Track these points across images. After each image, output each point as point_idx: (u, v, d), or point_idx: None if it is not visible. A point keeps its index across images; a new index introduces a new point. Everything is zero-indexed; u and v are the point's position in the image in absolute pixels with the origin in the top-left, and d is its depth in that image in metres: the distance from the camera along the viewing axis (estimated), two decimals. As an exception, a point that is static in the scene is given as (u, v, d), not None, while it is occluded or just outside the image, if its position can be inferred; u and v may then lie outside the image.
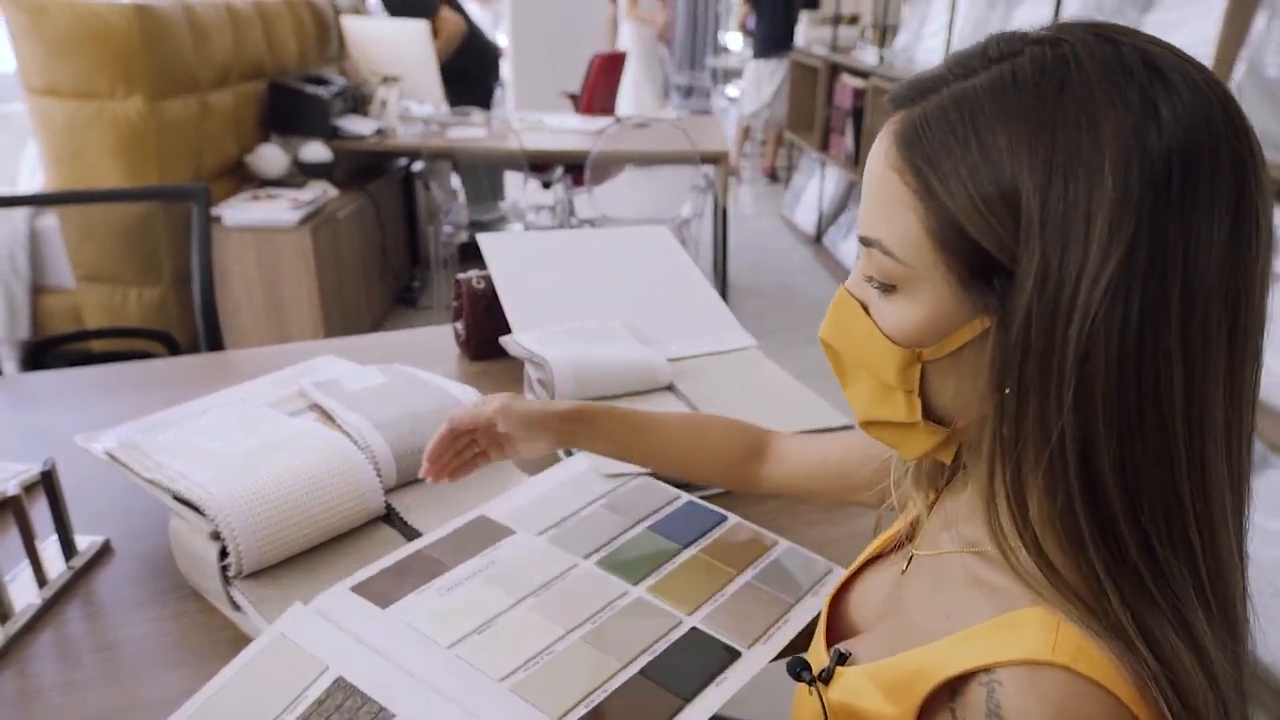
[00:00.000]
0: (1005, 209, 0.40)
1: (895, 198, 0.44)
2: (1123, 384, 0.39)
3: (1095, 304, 0.38)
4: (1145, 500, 0.40)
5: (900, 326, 0.45)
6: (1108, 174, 0.38)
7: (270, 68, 3.25)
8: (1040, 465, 0.41)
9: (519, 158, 3.32)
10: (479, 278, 1.35)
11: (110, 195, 1.75)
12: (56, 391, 1.27)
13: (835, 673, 0.51)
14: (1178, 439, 0.40)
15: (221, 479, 0.80)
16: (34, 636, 0.78)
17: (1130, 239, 0.38)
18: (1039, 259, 0.39)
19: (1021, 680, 0.40)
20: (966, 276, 0.42)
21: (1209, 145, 0.39)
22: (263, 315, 2.88)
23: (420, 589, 0.75)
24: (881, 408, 0.48)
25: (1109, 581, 0.40)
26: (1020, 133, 0.39)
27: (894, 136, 0.44)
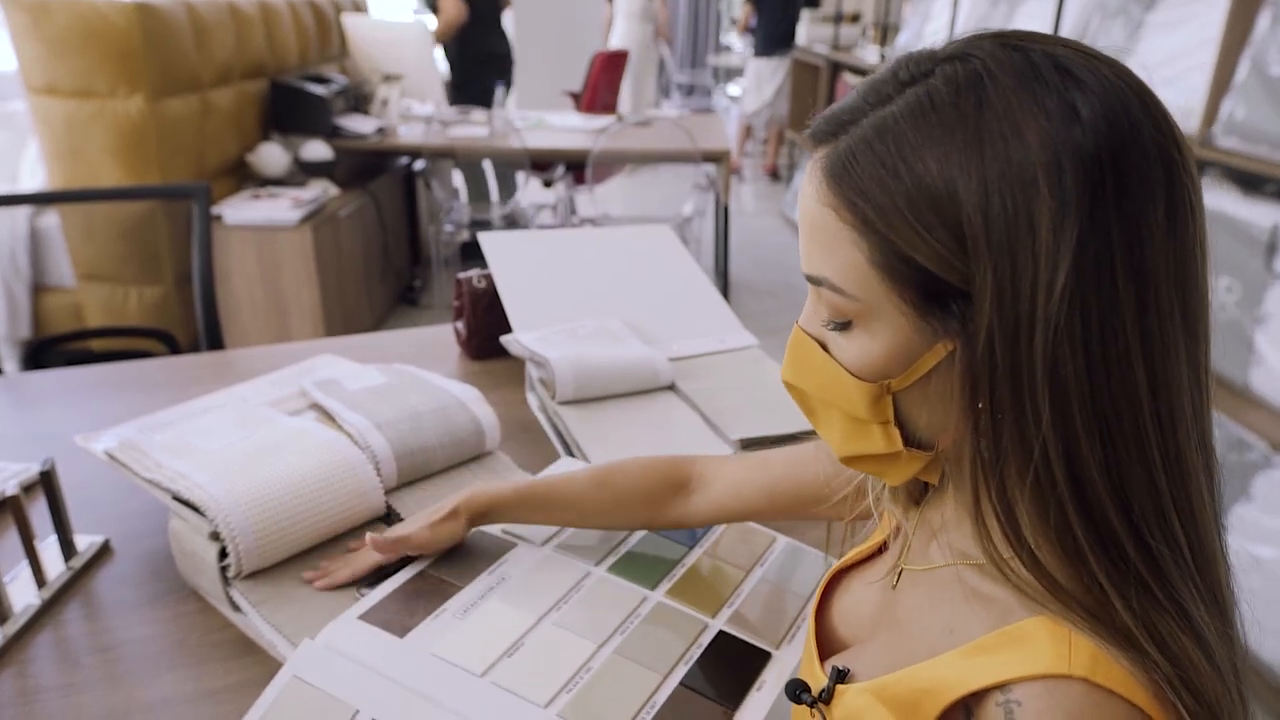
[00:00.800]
0: (948, 232, 0.39)
1: (835, 234, 0.43)
2: (1094, 386, 0.39)
3: (1054, 313, 0.38)
4: (1133, 499, 0.40)
5: (863, 361, 0.45)
6: (1042, 182, 0.38)
7: (272, 66, 3.25)
8: (1026, 480, 0.40)
9: (520, 156, 3.31)
10: (480, 276, 1.34)
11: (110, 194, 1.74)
12: (57, 391, 1.27)
13: (835, 691, 0.50)
14: (1149, 432, 0.40)
15: (221, 479, 0.79)
16: (33, 637, 0.77)
17: (1076, 242, 0.38)
18: (992, 277, 0.39)
19: (1040, 698, 0.39)
20: (920, 303, 0.42)
21: (1132, 136, 0.39)
22: (264, 314, 2.87)
23: (435, 613, 0.73)
24: (859, 442, 0.48)
25: (1112, 589, 0.40)
26: (948, 154, 0.39)
27: (822, 173, 0.43)
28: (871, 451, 0.47)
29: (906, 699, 0.45)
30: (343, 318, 3.05)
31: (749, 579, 0.81)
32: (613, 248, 1.51)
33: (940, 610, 0.48)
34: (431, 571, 0.79)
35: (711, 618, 0.75)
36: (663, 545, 0.85)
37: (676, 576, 0.80)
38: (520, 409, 1.20)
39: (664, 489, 0.78)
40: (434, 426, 0.94)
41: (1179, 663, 0.39)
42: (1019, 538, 0.41)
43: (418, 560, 0.80)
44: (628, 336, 1.25)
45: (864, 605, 0.57)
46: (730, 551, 0.85)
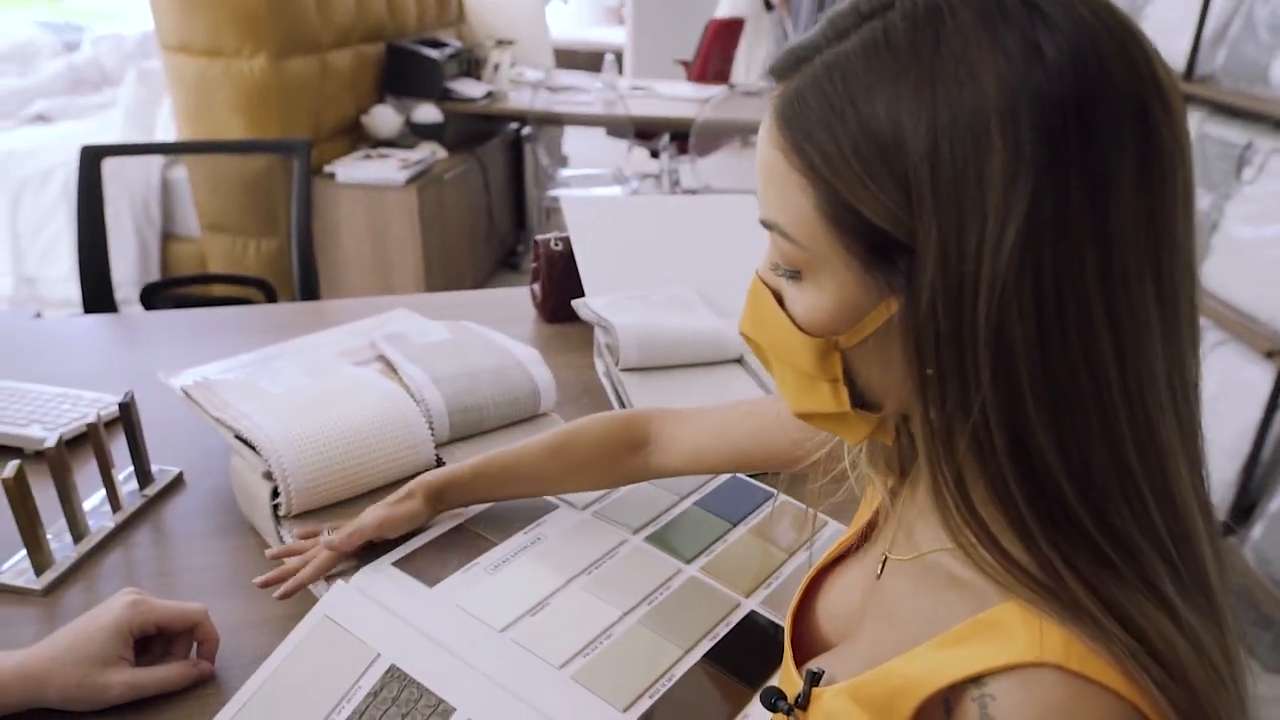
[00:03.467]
0: (894, 182, 0.36)
1: (783, 178, 0.40)
2: (1047, 355, 0.36)
3: (1001, 274, 0.35)
4: (1095, 473, 0.37)
5: (811, 315, 0.42)
6: (995, 132, 0.34)
7: (390, 30, 3.34)
8: (962, 448, 0.38)
9: (625, 124, 3.30)
10: (557, 239, 1.35)
11: (216, 146, 1.84)
12: (160, 331, 1.35)
13: (812, 695, 0.47)
14: (1116, 404, 0.36)
15: (279, 421, 0.82)
16: (104, 556, 0.83)
17: (1029, 199, 0.34)
18: (935, 233, 0.36)
19: (1013, 689, 0.37)
20: (867, 257, 0.39)
21: (1102, 82, 0.35)
22: (369, 271, 2.98)
23: (466, 567, 0.74)
24: (809, 399, 0.45)
25: (1059, 560, 0.37)
26: (898, 97, 0.36)
27: (774, 113, 0.41)
28: (821, 409, 0.45)
29: (881, 698, 0.42)
30: (444, 279, 3.13)
31: (791, 561, 0.79)
32: (696, 216, 1.48)
33: (922, 600, 0.45)
34: (469, 526, 0.80)
35: (745, 597, 0.74)
36: (706, 520, 0.83)
37: (715, 552, 0.79)
38: (589, 373, 1.20)
39: (618, 450, 0.78)
40: (490, 385, 0.95)
41: (1143, 636, 0.36)
42: (971, 510, 0.39)
43: (457, 513, 0.81)
44: (700, 306, 1.23)
45: (848, 600, 0.54)
46: (775, 532, 0.83)
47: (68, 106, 3.50)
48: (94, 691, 0.65)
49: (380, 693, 0.63)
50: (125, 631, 0.66)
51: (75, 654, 0.65)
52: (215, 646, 0.71)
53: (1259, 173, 2.04)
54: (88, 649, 0.65)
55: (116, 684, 0.65)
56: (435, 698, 0.62)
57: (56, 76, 3.68)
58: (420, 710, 0.61)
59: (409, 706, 0.62)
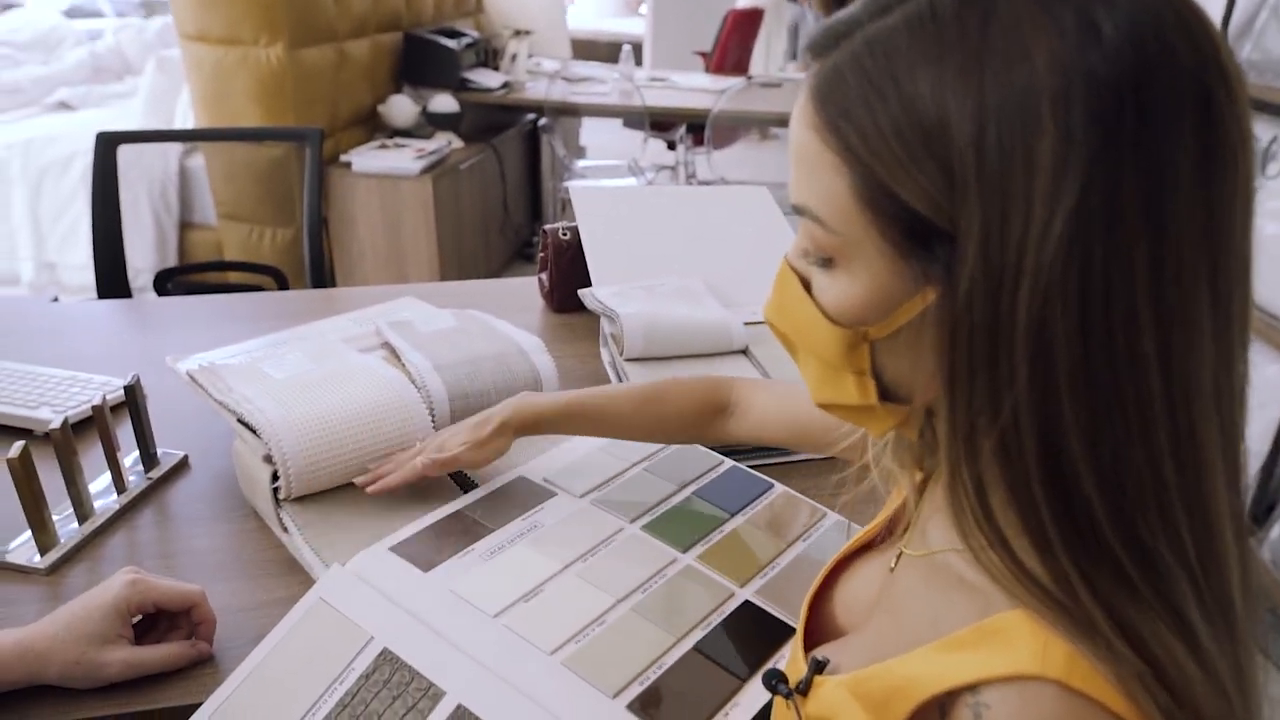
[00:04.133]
0: (936, 166, 0.34)
1: (818, 159, 0.38)
2: (1089, 355, 0.34)
3: (1045, 266, 0.33)
4: (1127, 484, 0.35)
5: (841, 304, 0.40)
6: (1046, 114, 0.32)
7: (407, 19, 3.34)
8: (988, 449, 0.36)
9: (641, 115, 3.29)
10: (565, 229, 1.34)
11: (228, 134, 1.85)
12: (171, 317, 1.36)
13: (813, 683, 0.47)
14: (1158, 412, 0.34)
15: (280, 406, 0.83)
16: (108, 538, 0.83)
17: (1080, 187, 0.32)
18: (979, 220, 0.34)
19: (1009, 700, 0.36)
20: (904, 243, 0.37)
21: (1163, 64, 0.33)
22: (384, 260, 2.99)
23: (462, 552, 0.74)
24: (832, 390, 0.44)
25: (1077, 575, 0.35)
26: (944, 75, 0.34)
27: (810, 91, 0.39)
28: (845, 401, 0.43)
29: (878, 696, 0.41)
30: (459, 268, 3.13)
31: (788, 552, 0.78)
32: (705, 207, 1.47)
33: (929, 599, 0.44)
34: (467, 512, 0.80)
35: (740, 587, 0.73)
36: (704, 509, 0.83)
37: (712, 541, 0.78)
38: (595, 363, 1.20)
39: (705, 411, 0.80)
40: (491, 372, 0.95)
41: (1155, 660, 0.34)
42: (987, 515, 0.37)
43: (455, 499, 0.81)
44: (706, 297, 1.22)
45: (865, 591, 0.53)
46: (773, 523, 0.82)
47: (89, 94, 3.54)
48: (92, 669, 0.65)
49: (372, 675, 0.63)
50: (124, 610, 0.67)
51: (74, 631, 0.65)
52: (213, 627, 0.71)
53: (1284, 167, 2.00)
54: (86, 626, 0.65)
55: (114, 662, 0.66)
56: (426, 681, 0.62)
57: (79, 65, 3.72)
58: (411, 693, 0.61)
59: (400, 689, 0.62)
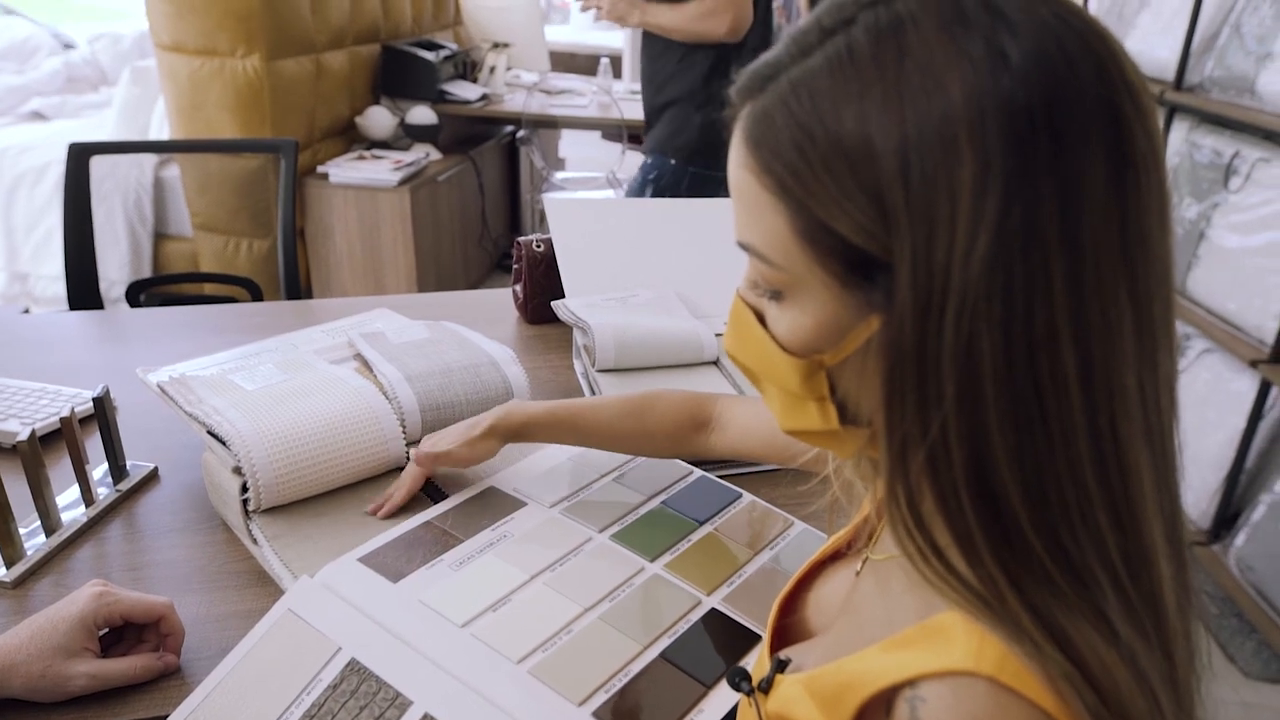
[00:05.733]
0: (867, 199, 0.36)
1: (756, 200, 0.40)
2: (1011, 371, 0.35)
3: (970, 288, 0.34)
4: (1050, 493, 0.36)
5: (793, 334, 0.42)
6: (963, 142, 0.34)
7: (385, 31, 3.35)
8: (918, 461, 0.37)
9: (619, 127, 3.31)
10: (539, 241, 1.35)
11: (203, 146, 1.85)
12: (143, 328, 1.35)
13: (775, 681, 0.48)
14: (1078, 422, 0.36)
15: (250, 416, 0.83)
16: (75, 550, 0.83)
17: (999, 209, 0.34)
18: (909, 247, 0.35)
19: (944, 695, 0.37)
20: (845, 274, 0.38)
21: (1071, 85, 0.34)
22: (362, 272, 2.99)
23: (431, 563, 0.74)
24: (797, 417, 0.45)
25: (1004, 580, 0.37)
26: (866, 111, 0.35)
27: (742, 134, 0.40)
28: (809, 427, 0.45)
29: (830, 692, 0.43)
30: (437, 280, 3.13)
31: (755, 560, 0.79)
32: (679, 219, 1.49)
33: (885, 601, 0.46)
34: (437, 522, 0.80)
35: (707, 595, 0.74)
36: (673, 519, 0.84)
37: (680, 550, 0.79)
38: (568, 374, 1.21)
39: (688, 425, 0.83)
40: (463, 383, 0.95)
41: (1081, 661, 0.35)
42: (919, 524, 0.39)
43: (425, 510, 0.81)
44: (679, 308, 1.24)
45: (833, 596, 0.55)
46: (741, 532, 0.83)
47: (64, 105, 3.51)
48: (58, 681, 0.65)
49: (340, 685, 0.63)
50: (90, 623, 0.67)
51: (39, 644, 0.65)
52: (180, 639, 0.71)
53: (1246, 182, 2.05)
54: (51, 639, 0.65)
55: (79, 675, 0.65)
56: (393, 691, 0.62)
57: (53, 74, 3.69)
58: (378, 703, 0.62)
59: (367, 699, 0.62)
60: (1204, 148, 2.18)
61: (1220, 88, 2.14)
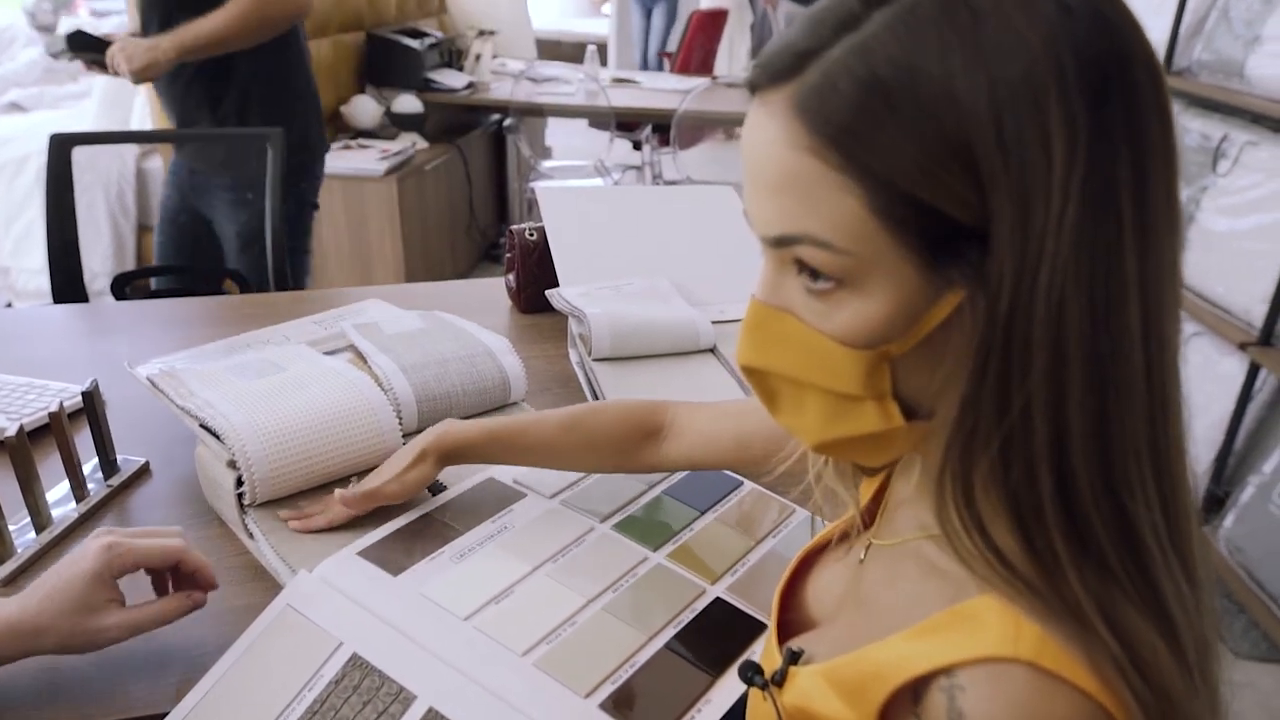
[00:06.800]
0: (960, 165, 0.34)
1: (817, 182, 0.37)
2: (1095, 334, 0.35)
3: (1062, 251, 0.34)
4: (1115, 458, 0.36)
5: (858, 325, 0.38)
6: (1051, 97, 0.33)
7: (369, 19, 3.31)
8: (995, 439, 0.36)
9: (607, 115, 3.29)
10: (532, 229, 1.34)
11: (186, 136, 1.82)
12: (130, 321, 1.33)
13: (789, 674, 0.47)
14: (1138, 379, 0.36)
15: (244, 410, 0.81)
16: (66, 547, 0.82)
17: (1085, 168, 0.33)
18: (1009, 213, 0.34)
19: (983, 683, 0.37)
20: (929, 250, 0.36)
21: (1128, 40, 0.35)
22: (349, 262, 2.96)
23: (432, 556, 0.73)
24: (846, 424, 0.41)
25: (1068, 557, 0.36)
26: (949, 74, 0.34)
27: (793, 112, 0.37)
28: (860, 432, 0.42)
29: (854, 682, 0.42)
30: (425, 270, 3.11)
31: (758, 549, 0.79)
32: (672, 207, 1.48)
33: (900, 587, 0.45)
34: (436, 515, 0.79)
35: (711, 584, 0.74)
36: (675, 508, 0.83)
37: (682, 540, 0.79)
38: (563, 363, 1.20)
39: (635, 435, 0.77)
40: (459, 374, 0.94)
41: (1131, 645, 0.35)
42: (969, 501, 0.38)
43: (424, 503, 0.81)
44: (674, 297, 1.23)
45: (835, 584, 0.54)
46: (744, 520, 0.83)
47: (43, 95, 3.46)
48: (90, 637, 0.63)
49: (342, 681, 0.62)
50: (105, 578, 0.64)
51: (57, 605, 0.63)
52: (208, 572, 0.69)
53: (1234, 165, 2.06)
54: (69, 599, 0.63)
55: (110, 627, 0.64)
56: (396, 686, 0.61)
57: (31, 65, 3.63)
58: (381, 698, 0.61)
59: (370, 694, 0.61)
60: (1192, 131, 2.19)
61: (1209, 71, 2.15)
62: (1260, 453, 1.95)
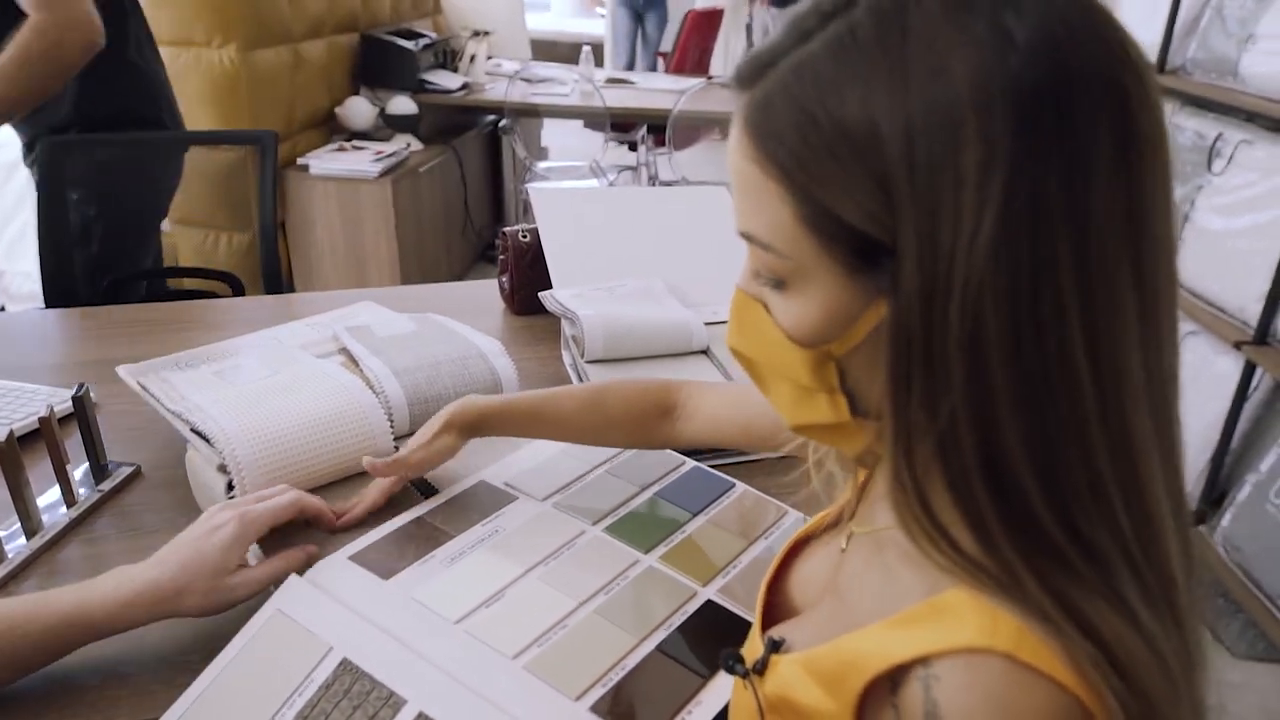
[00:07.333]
0: (873, 183, 0.35)
1: (759, 188, 0.39)
2: (1021, 353, 0.35)
3: (977, 270, 0.34)
4: (1061, 475, 0.36)
5: (800, 324, 0.41)
6: (969, 124, 0.33)
7: (364, 20, 3.31)
8: (928, 444, 0.37)
9: (602, 116, 3.29)
10: (524, 231, 1.34)
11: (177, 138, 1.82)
12: (123, 324, 1.33)
13: (770, 662, 0.48)
14: (1089, 403, 0.36)
15: (234, 414, 0.81)
16: (57, 552, 0.81)
17: (1004, 192, 0.33)
18: (914, 231, 0.35)
19: (959, 673, 0.37)
20: (851, 261, 0.38)
21: (1077, 65, 0.34)
22: (344, 265, 2.96)
23: (423, 559, 0.73)
24: (806, 411, 0.44)
25: (1022, 565, 0.36)
26: (870, 95, 0.35)
27: (743, 122, 0.39)
28: (820, 420, 0.44)
29: (833, 671, 0.42)
30: (420, 272, 3.11)
31: (750, 550, 0.79)
32: (666, 208, 1.48)
33: (878, 576, 0.45)
34: (427, 518, 0.79)
35: (702, 586, 0.73)
36: (667, 510, 0.83)
37: (674, 542, 0.78)
38: (556, 365, 1.20)
39: (652, 413, 0.80)
40: (450, 376, 0.94)
41: (1103, 643, 0.35)
42: (927, 512, 0.38)
43: (415, 506, 0.80)
44: (667, 298, 1.23)
45: (818, 573, 0.54)
46: (736, 521, 0.83)
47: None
48: (223, 595, 0.68)
49: (332, 686, 0.62)
50: (243, 547, 0.70)
51: (193, 571, 0.68)
52: (327, 515, 0.76)
53: (1229, 164, 2.06)
54: (208, 562, 0.68)
55: (240, 585, 0.69)
56: (387, 690, 0.61)
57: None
58: (371, 703, 0.61)
59: (360, 699, 0.61)
60: (1187, 130, 2.19)
61: (1203, 70, 2.15)
62: (1256, 451, 1.95)
